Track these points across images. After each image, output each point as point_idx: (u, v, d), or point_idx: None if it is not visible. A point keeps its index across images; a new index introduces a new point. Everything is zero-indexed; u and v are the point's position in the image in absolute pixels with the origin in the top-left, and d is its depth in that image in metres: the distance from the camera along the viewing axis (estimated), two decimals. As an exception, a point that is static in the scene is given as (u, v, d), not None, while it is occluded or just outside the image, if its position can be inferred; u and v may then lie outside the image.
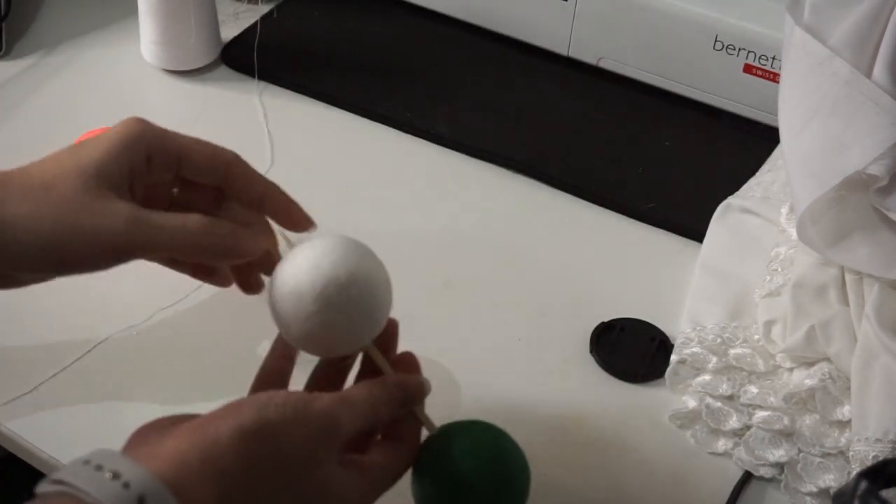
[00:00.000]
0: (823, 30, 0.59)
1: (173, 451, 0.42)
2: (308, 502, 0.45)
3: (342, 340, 0.50)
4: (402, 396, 0.50)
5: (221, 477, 0.42)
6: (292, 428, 0.44)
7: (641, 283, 0.71)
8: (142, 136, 0.51)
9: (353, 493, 0.47)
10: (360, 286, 0.49)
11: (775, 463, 0.59)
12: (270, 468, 0.43)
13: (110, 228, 0.48)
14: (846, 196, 0.60)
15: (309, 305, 0.48)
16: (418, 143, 0.81)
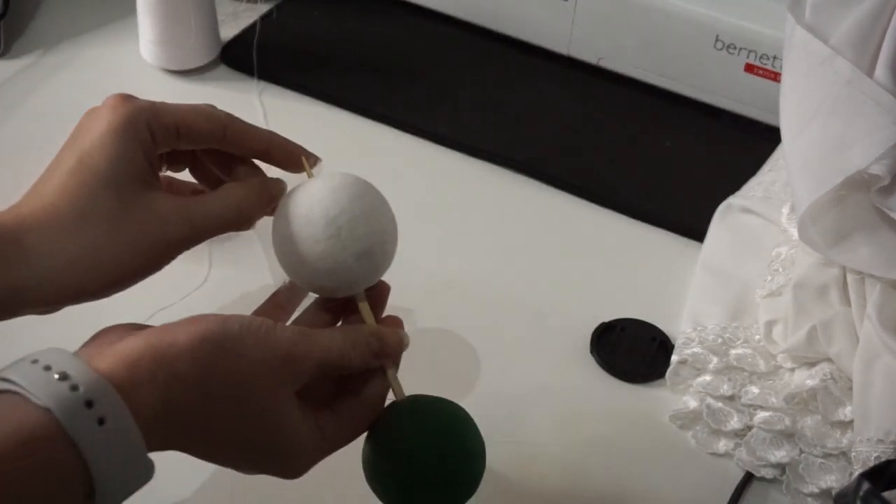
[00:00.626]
0: (825, 29, 0.58)
1: (128, 350, 0.40)
2: (258, 432, 0.44)
3: (341, 276, 0.49)
4: (377, 346, 0.48)
5: (173, 381, 0.40)
6: (254, 346, 0.43)
7: (642, 283, 0.70)
8: (138, 117, 0.48)
9: (306, 441, 0.45)
10: (371, 225, 0.49)
11: (777, 464, 0.59)
12: (224, 382, 0.42)
13: (164, 233, 0.47)
14: (847, 196, 0.60)
15: (318, 231, 0.48)
16: (418, 142, 0.80)
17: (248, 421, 0.43)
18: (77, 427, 0.37)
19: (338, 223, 0.48)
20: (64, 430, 0.37)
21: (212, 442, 0.43)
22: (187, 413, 0.41)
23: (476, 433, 0.50)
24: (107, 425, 0.38)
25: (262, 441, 0.44)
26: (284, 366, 0.44)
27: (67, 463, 0.37)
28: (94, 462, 0.37)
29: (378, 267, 0.50)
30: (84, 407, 0.37)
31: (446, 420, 0.49)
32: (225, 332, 0.43)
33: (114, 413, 0.38)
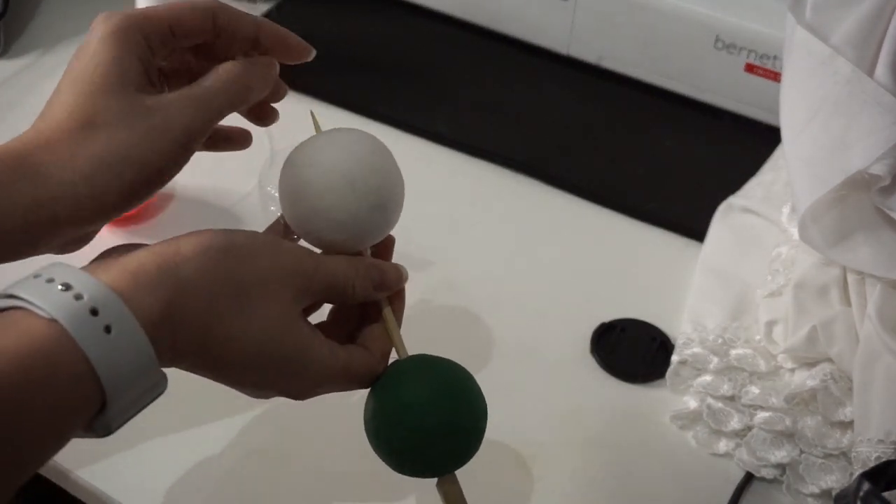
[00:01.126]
0: (825, 29, 0.58)
1: (132, 261, 0.40)
2: (265, 339, 0.43)
3: (353, 229, 0.48)
4: (378, 277, 0.48)
5: (177, 286, 0.40)
6: (260, 255, 0.43)
7: (642, 283, 0.70)
8: (128, 24, 0.47)
9: (316, 352, 0.45)
10: (384, 178, 0.49)
11: (777, 464, 0.59)
12: (230, 288, 0.42)
13: (174, 129, 0.46)
14: (848, 196, 0.60)
15: (333, 181, 0.47)
16: (418, 142, 0.80)
17: (255, 326, 0.43)
18: (84, 335, 0.37)
19: (352, 175, 0.47)
20: (72, 339, 0.37)
21: (219, 352, 0.42)
22: (193, 319, 0.41)
23: (479, 391, 0.49)
24: (113, 333, 0.38)
25: (270, 349, 0.43)
26: (291, 277, 0.44)
27: (77, 371, 0.37)
28: (103, 370, 0.37)
29: (389, 221, 0.50)
30: (89, 315, 0.37)
31: (450, 375, 0.48)
32: (231, 241, 0.43)
33: (119, 320, 0.38)
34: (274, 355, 0.44)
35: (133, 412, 0.40)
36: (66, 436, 0.38)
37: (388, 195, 0.49)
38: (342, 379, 0.47)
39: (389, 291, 0.49)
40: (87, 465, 0.58)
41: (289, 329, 0.44)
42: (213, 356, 0.42)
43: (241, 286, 0.42)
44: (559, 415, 0.62)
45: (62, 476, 0.58)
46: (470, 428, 0.48)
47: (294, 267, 0.45)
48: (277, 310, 0.44)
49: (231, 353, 0.43)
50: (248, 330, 0.43)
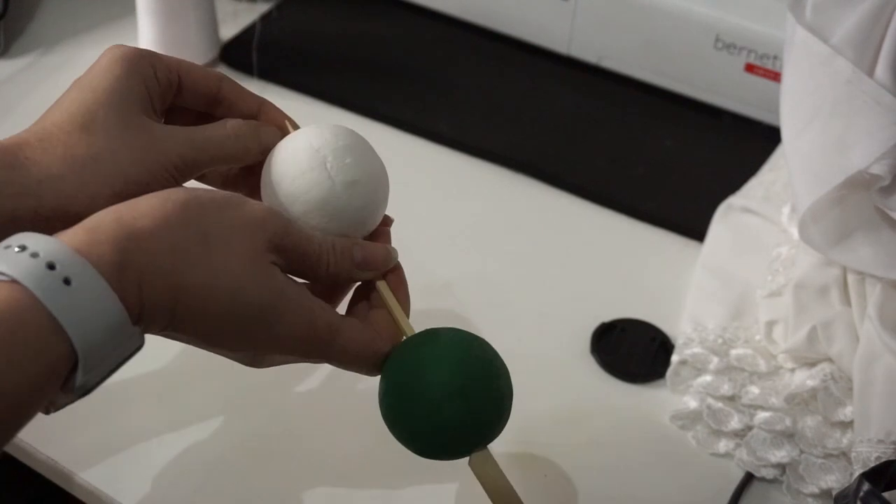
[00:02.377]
0: (825, 29, 0.58)
1: (89, 220, 0.40)
2: (237, 282, 0.42)
3: (333, 207, 0.48)
4: (361, 254, 0.48)
5: (134, 233, 0.40)
6: (224, 206, 0.43)
7: (642, 283, 0.70)
8: (140, 54, 0.48)
9: (291, 299, 0.44)
10: (356, 156, 0.49)
11: (777, 464, 0.59)
12: (193, 235, 0.41)
13: (168, 152, 0.47)
14: (848, 196, 0.60)
15: (304, 162, 0.48)
16: (418, 142, 0.80)
17: (224, 272, 0.42)
18: (44, 289, 0.37)
19: (322, 153, 0.48)
20: (33, 295, 0.37)
21: (190, 302, 0.42)
22: (156, 269, 0.40)
23: (497, 357, 0.48)
24: (73, 284, 0.38)
25: (243, 296, 0.43)
26: (260, 228, 0.44)
27: (43, 325, 0.37)
28: (68, 322, 0.37)
29: (370, 203, 0.49)
30: (46, 269, 0.37)
31: (468, 348, 0.47)
32: (192, 195, 0.43)
33: (77, 272, 0.38)
34: (246, 303, 0.43)
35: (109, 367, 0.40)
36: (42, 394, 0.38)
37: (364, 172, 0.49)
38: (326, 338, 0.45)
39: (376, 270, 0.49)
40: (90, 467, 0.58)
41: (260, 276, 0.43)
42: (184, 306, 0.42)
43: (205, 235, 0.42)
44: (559, 415, 0.62)
45: (66, 478, 0.58)
46: (498, 398, 0.46)
47: (263, 218, 0.44)
48: (246, 258, 0.43)
49: (202, 301, 0.42)
50: (217, 277, 0.42)
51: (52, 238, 0.39)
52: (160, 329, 0.42)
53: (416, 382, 0.45)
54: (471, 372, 0.46)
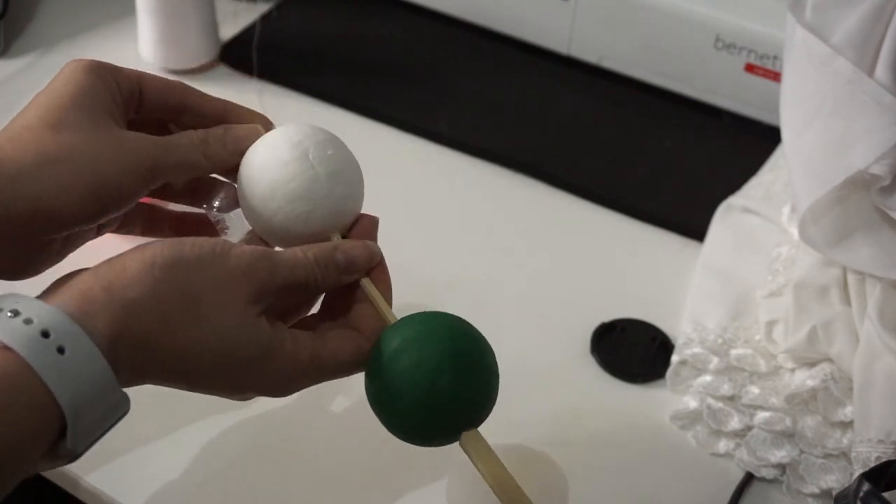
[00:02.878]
0: (825, 29, 0.58)
1: (78, 283, 0.40)
2: (222, 343, 0.43)
3: (316, 197, 0.47)
4: (344, 261, 0.47)
5: (127, 306, 0.40)
6: (208, 263, 0.43)
7: (642, 283, 0.70)
8: (101, 65, 0.48)
9: (276, 350, 0.44)
10: (337, 149, 0.49)
11: (777, 464, 0.59)
12: (180, 302, 0.42)
13: (139, 152, 0.46)
14: (848, 196, 0.60)
15: (286, 153, 0.47)
16: (418, 142, 0.80)
17: (210, 334, 0.42)
18: (38, 358, 0.37)
19: (304, 145, 0.48)
20: (26, 363, 0.37)
21: (179, 366, 0.42)
22: (148, 337, 0.41)
23: (480, 336, 0.47)
24: (67, 354, 0.38)
25: (229, 355, 0.43)
26: (245, 281, 0.43)
27: (34, 394, 0.37)
28: (60, 391, 0.37)
29: (353, 193, 0.49)
30: (41, 337, 0.37)
31: (448, 329, 0.46)
32: (176, 254, 0.42)
33: (72, 340, 0.38)
34: (235, 360, 0.43)
35: (96, 435, 0.40)
36: (27, 462, 0.38)
37: (345, 165, 0.49)
38: (314, 368, 0.46)
39: (361, 272, 0.48)
40: (94, 470, 0.58)
41: (246, 332, 0.43)
42: (175, 370, 0.42)
43: (192, 298, 0.42)
44: (559, 415, 0.62)
45: (71, 482, 0.58)
46: (485, 375, 0.46)
47: (247, 270, 0.44)
48: (233, 316, 0.43)
49: (190, 364, 0.42)
50: (203, 340, 0.42)
51: (46, 305, 0.39)
52: (150, 383, 0.43)
53: (400, 364, 0.45)
54: (456, 349, 0.45)
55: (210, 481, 0.58)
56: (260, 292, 0.44)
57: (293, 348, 0.45)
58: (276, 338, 0.44)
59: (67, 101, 0.46)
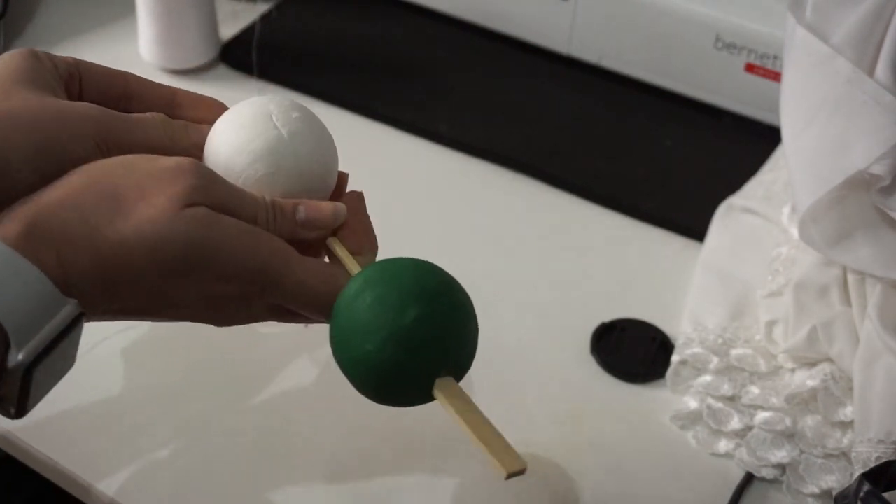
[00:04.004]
0: (825, 29, 0.58)
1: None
2: (156, 230, 0.40)
3: (279, 156, 0.46)
4: (305, 214, 0.45)
5: (36, 203, 0.40)
6: (131, 165, 0.42)
7: (642, 283, 0.70)
8: (33, 49, 0.47)
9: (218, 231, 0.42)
10: (303, 112, 0.48)
11: (777, 464, 0.59)
12: (98, 196, 0.40)
13: (91, 118, 0.44)
14: (848, 196, 0.60)
15: (247, 117, 0.46)
16: (418, 142, 0.80)
17: (140, 224, 0.41)
18: None
19: (267, 108, 0.47)
20: None
21: (115, 261, 0.41)
22: (70, 236, 0.40)
23: (456, 284, 0.45)
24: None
25: (167, 243, 0.41)
26: (174, 175, 0.42)
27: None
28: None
29: (320, 158, 0.47)
30: None
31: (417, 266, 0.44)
32: (97, 162, 0.42)
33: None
34: (170, 242, 0.41)
35: (45, 339, 0.39)
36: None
37: (312, 129, 0.48)
38: (276, 264, 0.43)
39: (322, 228, 0.46)
40: (73, 456, 0.58)
41: (181, 215, 0.41)
42: (109, 268, 0.40)
43: (114, 193, 0.41)
44: (559, 415, 0.62)
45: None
46: (461, 314, 0.44)
47: (177, 168, 0.42)
48: (162, 205, 0.41)
49: (124, 258, 0.41)
50: (132, 230, 0.41)
51: None
52: (104, 306, 0.41)
53: (363, 301, 0.42)
54: (422, 286, 0.43)
55: (209, 480, 0.58)
56: (191, 196, 0.42)
57: (251, 231, 0.43)
58: (224, 220, 0.42)
59: (10, 76, 0.45)
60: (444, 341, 0.43)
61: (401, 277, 0.43)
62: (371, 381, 0.43)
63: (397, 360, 0.42)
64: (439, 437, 0.60)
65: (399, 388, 0.43)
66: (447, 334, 0.43)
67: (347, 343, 0.43)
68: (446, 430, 0.60)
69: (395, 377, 0.43)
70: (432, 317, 0.43)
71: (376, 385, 0.43)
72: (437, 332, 0.43)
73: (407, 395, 0.44)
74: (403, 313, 0.42)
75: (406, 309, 0.42)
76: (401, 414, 0.48)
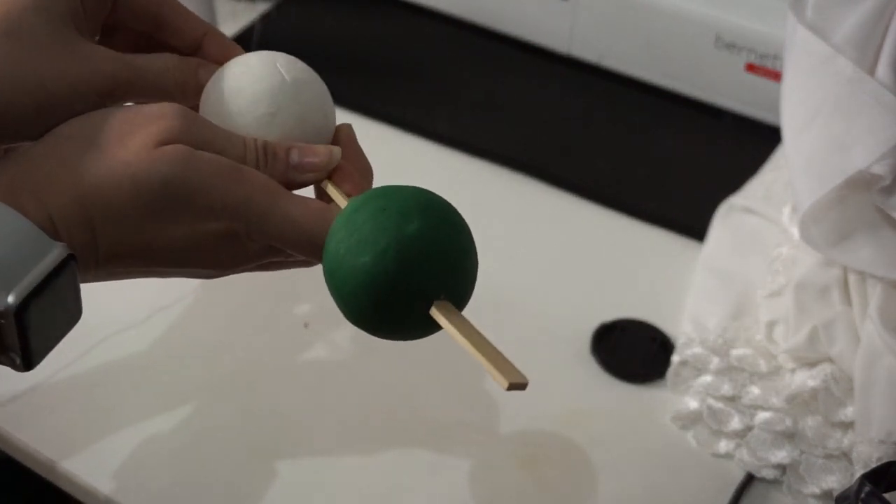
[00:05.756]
0: (826, 28, 0.58)
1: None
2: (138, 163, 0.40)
3: (280, 100, 0.46)
4: (298, 156, 0.44)
5: (18, 155, 0.40)
6: (106, 113, 0.41)
7: (642, 283, 0.70)
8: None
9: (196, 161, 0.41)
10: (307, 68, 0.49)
11: (777, 464, 0.59)
12: (79, 142, 0.40)
13: (97, 71, 0.43)
14: (849, 196, 0.59)
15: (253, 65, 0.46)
16: (418, 142, 0.80)
17: (120, 159, 0.40)
18: None
19: (272, 57, 0.47)
20: None
21: (97, 206, 0.40)
22: (51, 180, 0.40)
23: (455, 210, 0.43)
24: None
25: (145, 177, 0.40)
26: (152, 123, 0.41)
27: None
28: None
29: (321, 105, 0.47)
30: None
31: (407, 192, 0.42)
32: (83, 116, 0.42)
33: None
34: (151, 178, 0.40)
35: (34, 281, 0.38)
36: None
37: (314, 79, 0.48)
38: (263, 198, 0.42)
39: (318, 173, 0.45)
40: (72, 455, 0.58)
41: (161, 152, 0.41)
42: (94, 210, 0.40)
43: (93, 137, 0.41)
44: (559, 415, 0.62)
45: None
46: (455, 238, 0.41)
47: (159, 113, 0.42)
48: (141, 144, 0.40)
49: (107, 198, 0.40)
50: (112, 170, 0.40)
51: None
52: (93, 254, 0.41)
53: (365, 211, 0.40)
54: (425, 200, 0.41)
55: (210, 479, 0.58)
56: (166, 134, 0.41)
57: (235, 166, 0.42)
58: (205, 155, 0.41)
59: (27, 4, 0.43)
60: (446, 260, 0.40)
61: (403, 192, 0.41)
62: (365, 298, 0.39)
63: (396, 272, 0.39)
64: (439, 437, 0.60)
65: (395, 308, 0.40)
66: (450, 253, 0.41)
67: (342, 260, 0.40)
68: (446, 428, 0.60)
69: (392, 293, 0.39)
70: (437, 231, 0.40)
71: (372, 304, 0.40)
72: (440, 247, 0.40)
73: (403, 319, 0.40)
74: (406, 223, 0.39)
75: (409, 220, 0.40)
76: (400, 413, 0.48)
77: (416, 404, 0.61)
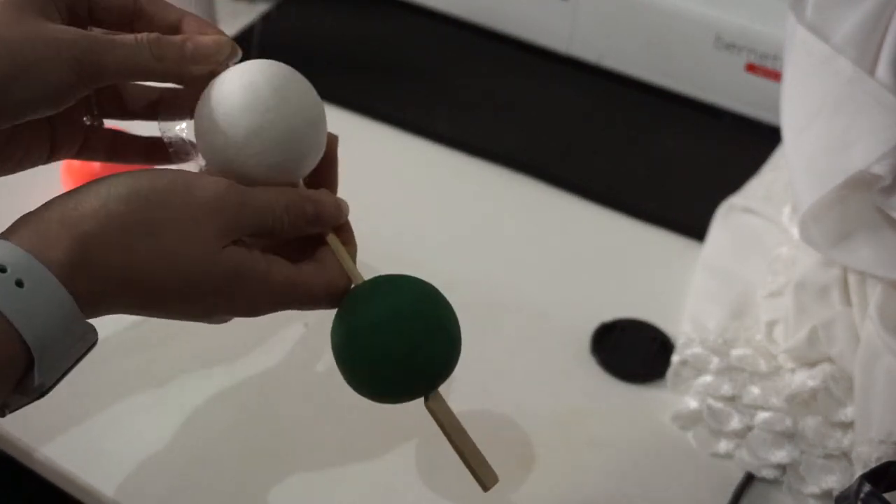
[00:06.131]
0: (826, 28, 0.58)
1: (33, 220, 0.41)
2: (189, 270, 0.42)
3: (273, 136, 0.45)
4: (313, 211, 0.46)
5: (81, 236, 0.40)
6: (170, 193, 0.42)
7: (642, 283, 0.70)
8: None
9: (248, 271, 0.44)
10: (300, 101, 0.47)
11: (777, 464, 0.59)
12: (139, 234, 0.41)
13: (62, 54, 0.43)
14: (849, 196, 0.59)
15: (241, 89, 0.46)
16: (418, 142, 0.80)
17: (175, 262, 0.42)
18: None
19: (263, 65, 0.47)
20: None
21: (145, 293, 0.42)
22: (110, 267, 0.41)
23: (448, 305, 0.47)
24: (26, 286, 0.38)
25: (197, 281, 0.42)
26: (211, 220, 0.43)
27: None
28: (22, 323, 0.38)
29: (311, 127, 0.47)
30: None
31: (414, 290, 0.47)
32: (131, 187, 0.42)
33: (30, 273, 0.38)
34: (201, 291, 0.43)
35: (64, 366, 0.40)
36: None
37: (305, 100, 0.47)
38: (286, 293, 0.45)
39: (327, 226, 0.47)
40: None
41: (212, 264, 0.43)
42: (140, 298, 0.42)
43: (153, 231, 0.42)
44: (559, 415, 0.62)
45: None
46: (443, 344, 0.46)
47: (214, 206, 0.43)
48: (198, 249, 0.42)
49: (157, 293, 0.42)
50: (168, 269, 0.42)
51: (2, 241, 0.39)
52: (118, 312, 0.43)
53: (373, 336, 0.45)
54: (429, 298, 0.46)
55: (210, 479, 0.58)
56: (227, 229, 0.43)
57: (267, 270, 0.44)
58: (248, 261, 0.44)
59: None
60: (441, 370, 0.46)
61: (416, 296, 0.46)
62: (372, 381, 0.46)
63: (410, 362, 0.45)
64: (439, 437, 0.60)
65: (399, 394, 0.46)
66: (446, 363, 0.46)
67: (356, 343, 0.45)
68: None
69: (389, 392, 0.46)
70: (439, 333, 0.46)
71: (376, 383, 0.46)
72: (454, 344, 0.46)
73: (399, 398, 0.46)
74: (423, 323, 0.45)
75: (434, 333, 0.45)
76: (399, 413, 0.48)
77: (416, 404, 0.61)
